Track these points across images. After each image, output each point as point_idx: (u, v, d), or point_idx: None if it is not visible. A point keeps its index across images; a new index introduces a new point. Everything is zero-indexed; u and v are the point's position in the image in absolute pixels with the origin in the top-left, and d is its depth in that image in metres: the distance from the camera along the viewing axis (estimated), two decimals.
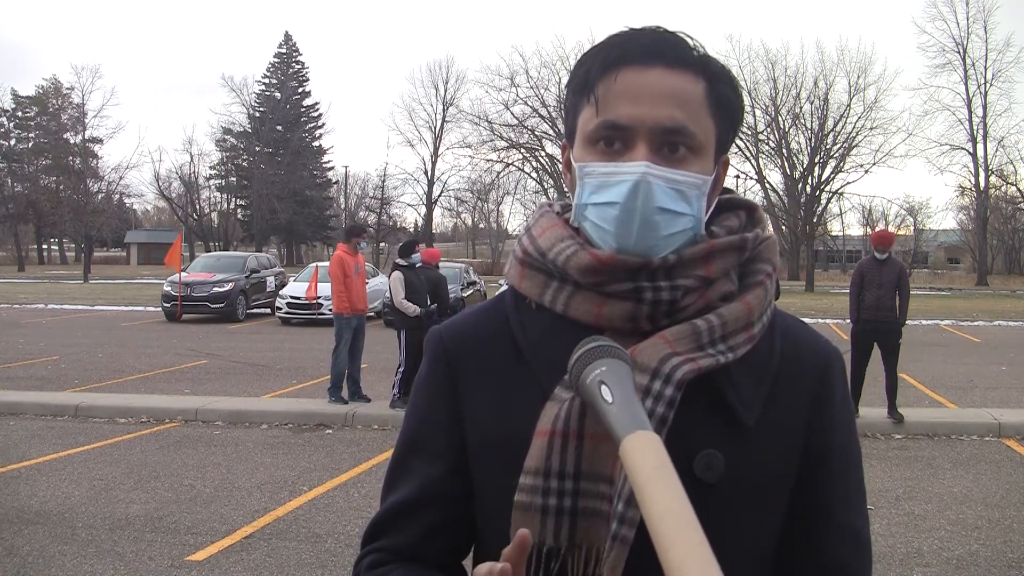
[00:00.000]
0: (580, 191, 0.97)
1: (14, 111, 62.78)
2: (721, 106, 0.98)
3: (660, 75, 0.94)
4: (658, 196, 0.92)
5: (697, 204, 0.96)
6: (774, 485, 0.97)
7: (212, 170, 68.36)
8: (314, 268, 20.49)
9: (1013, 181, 52.17)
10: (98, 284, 39.05)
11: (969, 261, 59.81)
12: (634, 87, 0.94)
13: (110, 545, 5.05)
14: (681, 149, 0.94)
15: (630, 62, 0.94)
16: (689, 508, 0.69)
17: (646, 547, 0.88)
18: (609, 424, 0.77)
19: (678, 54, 0.96)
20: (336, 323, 9.45)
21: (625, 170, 0.93)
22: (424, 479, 1.02)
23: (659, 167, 0.93)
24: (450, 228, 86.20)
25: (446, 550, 1.02)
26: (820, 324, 19.55)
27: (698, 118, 0.95)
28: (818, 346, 1.03)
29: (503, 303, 1.06)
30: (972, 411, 9.16)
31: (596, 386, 0.80)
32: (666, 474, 0.71)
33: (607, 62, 0.95)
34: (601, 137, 0.95)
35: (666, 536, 0.67)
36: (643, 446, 0.73)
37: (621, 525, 0.86)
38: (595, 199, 0.95)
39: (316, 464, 7.08)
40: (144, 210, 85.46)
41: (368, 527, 1.05)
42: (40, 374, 11.64)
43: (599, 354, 0.83)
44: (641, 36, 0.97)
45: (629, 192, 0.92)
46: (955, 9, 53.88)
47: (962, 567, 4.84)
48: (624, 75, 0.94)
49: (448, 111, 58.94)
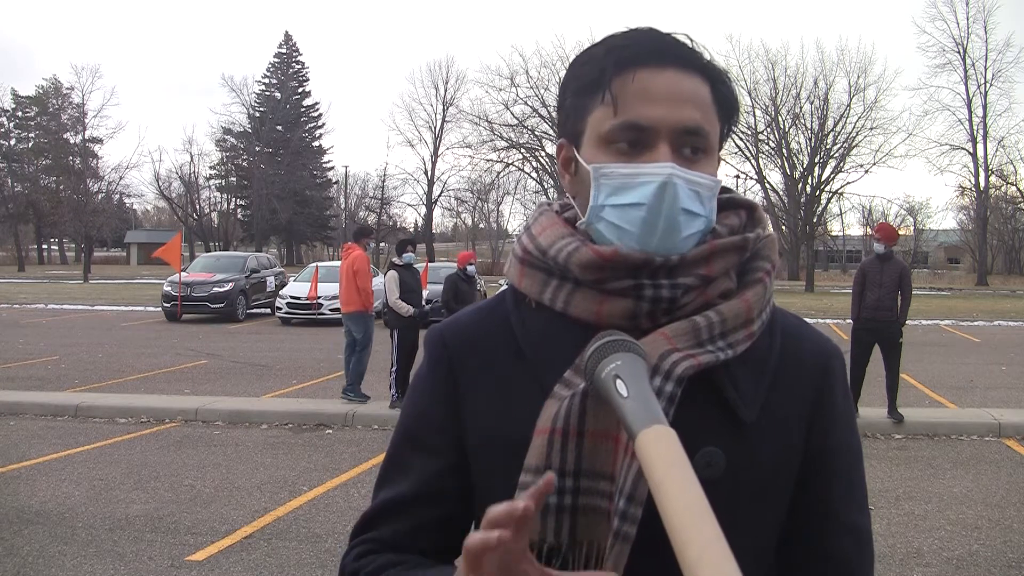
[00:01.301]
0: (596, 193, 0.96)
1: (14, 111, 62.80)
2: (723, 107, 0.99)
3: (675, 76, 0.95)
4: (682, 197, 0.93)
5: (710, 205, 0.97)
6: (775, 482, 0.98)
7: (212, 170, 68.41)
8: (314, 268, 20.49)
9: (1013, 181, 52.25)
10: (98, 284, 39.05)
11: (969, 261, 59.82)
12: (653, 88, 0.94)
13: (110, 545, 5.05)
14: (698, 152, 0.95)
15: (645, 62, 0.95)
16: (706, 503, 0.68)
17: (648, 544, 0.88)
18: (624, 418, 0.77)
19: (687, 55, 0.97)
20: (363, 322, 9.49)
21: (650, 171, 0.93)
22: (419, 475, 1.02)
23: (683, 169, 0.93)
24: (450, 228, 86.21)
25: (434, 547, 1.02)
26: (820, 324, 19.54)
27: (709, 119, 0.96)
28: (818, 344, 1.04)
29: (503, 302, 1.06)
30: (972, 411, 9.16)
31: (611, 380, 0.80)
32: (683, 469, 0.71)
33: (622, 62, 0.95)
34: (621, 138, 0.95)
35: (683, 531, 0.66)
36: (659, 440, 0.73)
37: (623, 522, 0.86)
38: (615, 200, 0.95)
39: (316, 464, 7.08)
40: (144, 210, 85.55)
41: (358, 520, 1.05)
42: (40, 374, 11.64)
43: (614, 348, 0.83)
44: (649, 37, 0.97)
45: (655, 193, 0.92)
46: (955, 9, 53.94)
47: (962, 567, 4.84)
48: (641, 75, 0.94)
49: (448, 111, 58.98)
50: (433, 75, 74.94)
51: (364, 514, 1.05)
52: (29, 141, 63.05)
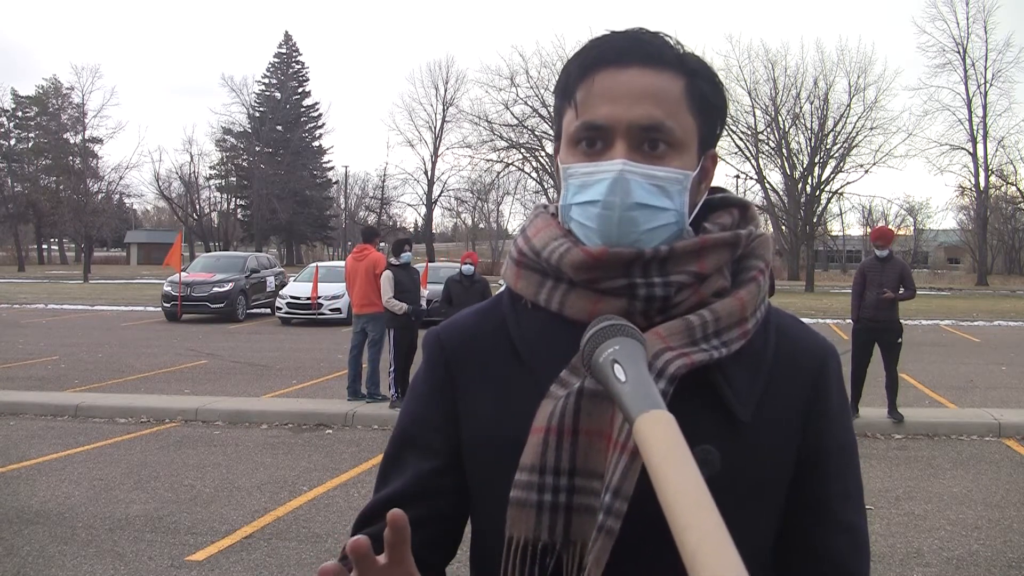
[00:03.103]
0: (565, 192, 0.99)
1: (14, 111, 62.80)
2: (701, 102, 0.99)
3: (635, 74, 0.96)
4: (635, 192, 0.94)
5: (679, 199, 0.97)
6: (770, 480, 0.98)
7: (212, 170, 68.46)
8: (314, 268, 20.48)
9: (1013, 181, 52.22)
10: (98, 284, 39.05)
11: (969, 261, 59.79)
12: (611, 87, 0.96)
13: (110, 545, 5.05)
14: (660, 146, 0.96)
15: (607, 64, 0.96)
16: (705, 489, 0.67)
17: (631, 540, 0.89)
18: (622, 403, 0.76)
19: (653, 53, 0.97)
20: (379, 321, 9.52)
21: (603, 168, 0.95)
22: (413, 474, 1.04)
23: (636, 164, 0.94)
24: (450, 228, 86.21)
25: (428, 544, 1.02)
26: (820, 324, 19.56)
27: (676, 114, 0.96)
28: (814, 343, 1.04)
29: (500, 303, 1.07)
30: (972, 411, 9.16)
31: (609, 365, 0.80)
32: (681, 454, 0.70)
33: (584, 65, 0.97)
34: (582, 138, 0.97)
35: (682, 517, 0.65)
36: (658, 425, 0.72)
37: (608, 516, 0.87)
38: (578, 198, 0.97)
39: (316, 464, 7.09)
40: (144, 210, 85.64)
41: (356, 517, 1.07)
42: (40, 374, 11.64)
43: (612, 333, 0.83)
44: (618, 38, 0.99)
45: (607, 189, 0.94)
46: (955, 9, 54.08)
47: (962, 567, 4.84)
48: (601, 77, 0.96)
49: (448, 111, 58.97)
50: (433, 75, 75.11)
51: (361, 511, 1.06)
52: (29, 141, 63.05)
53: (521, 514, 0.91)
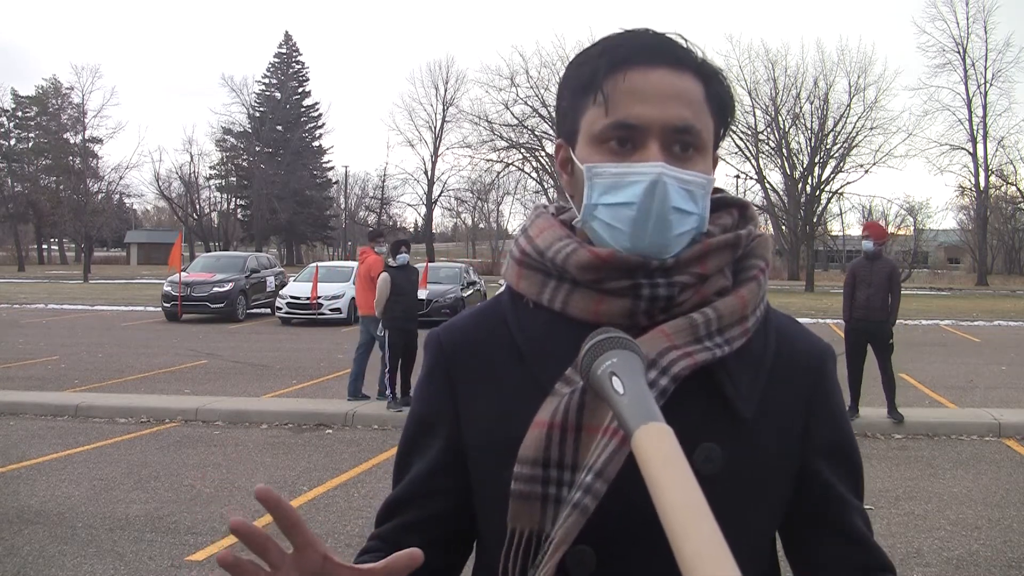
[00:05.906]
0: (589, 192, 0.96)
1: (14, 111, 62.83)
2: (718, 105, 0.99)
3: (666, 75, 0.95)
4: (672, 196, 0.93)
5: (703, 203, 0.97)
6: (772, 477, 0.99)
7: (212, 170, 68.48)
8: (314, 268, 20.49)
9: (1013, 181, 52.23)
10: (98, 284, 39.04)
11: (969, 261, 59.82)
12: (642, 87, 0.95)
13: (110, 545, 5.05)
14: (689, 148, 0.96)
15: (636, 62, 0.95)
16: (702, 499, 0.68)
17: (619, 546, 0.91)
18: (620, 416, 0.77)
19: (680, 55, 0.97)
20: (377, 324, 9.52)
21: (640, 170, 0.93)
22: (416, 475, 1.06)
23: (673, 167, 0.94)
24: (450, 228, 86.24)
25: (436, 541, 1.03)
26: (820, 324, 19.56)
27: (701, 117, 0.97)
28: (811, 343, 1.05)
29: (501, 304, 1.07)
30: (972, 411, 9.15)
31: (607, 378, 0.80)
32: (679, 465, 0.71)
33: (614, 62, 0.96)
34: (612, 137, 0.95)
35: (679, 527, 0.66)
36: (656, 438, 0.73)
37: (585, 495, 0.87)
38: (607, 199, 0.95)
39: (316, 464, 7.09)
40: (144, 210, 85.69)
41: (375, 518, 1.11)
42: (40, 374, 11.64)
43: (610, 345, 0.83)
44: (642, 37, 0.98)
45: (645, 192, 0.93)
46: (955, 9, 54.06)
47: (962, 567, 4.84)
48: (631, 75, 0.95)
49: (448, 111, 58.97)
50: (433, 75, 75.07)
51: (377, 512, 1.09)
52: (29, 141, 63.08)
53: (524, 507, 0.91)
